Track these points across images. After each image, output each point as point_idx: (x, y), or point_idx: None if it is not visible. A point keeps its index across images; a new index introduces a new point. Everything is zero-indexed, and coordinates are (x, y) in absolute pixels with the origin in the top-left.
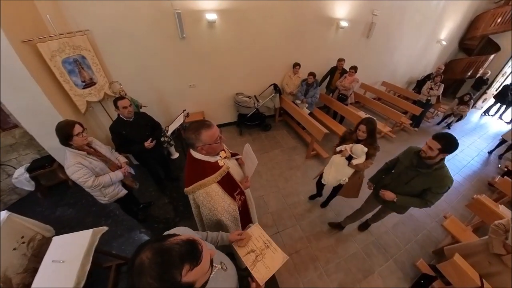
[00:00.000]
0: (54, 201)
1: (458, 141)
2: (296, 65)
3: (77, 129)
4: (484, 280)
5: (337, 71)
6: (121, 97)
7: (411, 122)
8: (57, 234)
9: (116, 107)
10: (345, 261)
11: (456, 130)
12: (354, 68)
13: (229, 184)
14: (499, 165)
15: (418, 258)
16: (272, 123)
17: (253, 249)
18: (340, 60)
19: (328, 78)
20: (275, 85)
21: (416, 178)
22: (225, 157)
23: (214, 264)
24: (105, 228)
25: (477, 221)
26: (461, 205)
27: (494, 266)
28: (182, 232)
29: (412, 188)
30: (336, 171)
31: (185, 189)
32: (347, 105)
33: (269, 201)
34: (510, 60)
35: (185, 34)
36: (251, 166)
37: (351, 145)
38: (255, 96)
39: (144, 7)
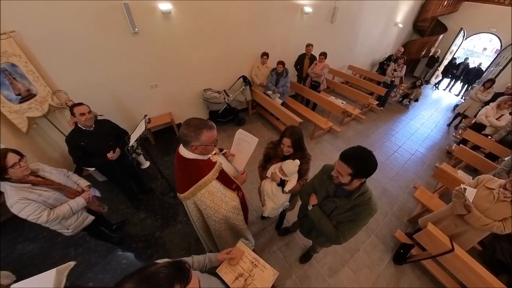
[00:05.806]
0: (10, 238)
1: (375, 159)
2: (264, 55)
3: (11, 159)
4: (454, 243)
5: (306, 57)
6: (79, 103)
7: (377, 102)
8: (20, 276)
9: (73, 114)
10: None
11: (415, 106)
12: (324, 55)
13: (225, 179)
14: (454, 134)
15: (396, 229)
16: (245, 117)
17: (241, 272)
18: (308, 45)
19: (298, 67)
20: (244, 77)
21: (336, 210)
22: (214, 153)
23: None
24: (71, 264)
25: (441, 187)
26: (426, 174)
27: (460, 227)
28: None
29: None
30: (273, 201)
31: (181, 194)
32: (320, 92)
33: (251, 198)
34: (455, 39)
35: (138, 28)
36: (243, 156)
37: (279, 164)
38: (224, 90)
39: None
